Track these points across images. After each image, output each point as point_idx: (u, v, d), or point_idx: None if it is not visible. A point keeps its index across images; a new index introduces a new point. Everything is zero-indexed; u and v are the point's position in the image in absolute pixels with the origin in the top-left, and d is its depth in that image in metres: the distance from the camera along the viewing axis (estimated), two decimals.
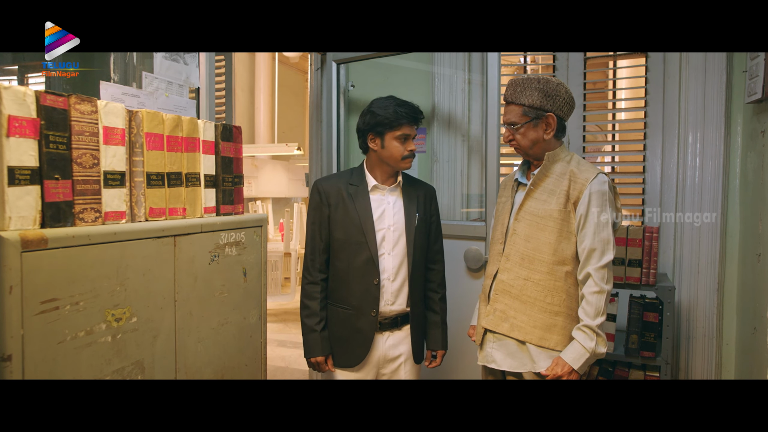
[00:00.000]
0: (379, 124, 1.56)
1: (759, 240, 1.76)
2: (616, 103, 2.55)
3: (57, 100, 1.00)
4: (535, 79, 1.43)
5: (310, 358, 1.64)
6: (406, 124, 1.57)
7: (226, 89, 2.82)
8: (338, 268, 1.62)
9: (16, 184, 0.93)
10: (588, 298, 1.36)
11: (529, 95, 1.42)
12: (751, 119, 1.92)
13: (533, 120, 1.43)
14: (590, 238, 1.37)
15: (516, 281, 1.45)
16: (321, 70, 2.57)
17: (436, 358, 1.73)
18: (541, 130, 1.44)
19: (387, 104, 1.57)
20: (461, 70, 2.45)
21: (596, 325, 1.34)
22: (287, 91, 8.01)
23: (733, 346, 2.03)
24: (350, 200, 1.60)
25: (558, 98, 1.42)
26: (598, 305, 1.35)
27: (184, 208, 1.32)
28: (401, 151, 1.58)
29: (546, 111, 1.42)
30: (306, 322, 1.63)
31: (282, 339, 4.19)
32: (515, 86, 1.45)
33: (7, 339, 0.88)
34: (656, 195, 2.15)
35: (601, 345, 1.36)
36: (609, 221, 1.37)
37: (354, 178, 1.64)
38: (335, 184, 1.64)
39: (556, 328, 1.41)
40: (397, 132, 1.56)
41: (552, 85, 1.42)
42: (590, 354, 1.35)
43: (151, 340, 1.17)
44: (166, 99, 1.60)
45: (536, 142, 1.45)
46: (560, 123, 1.46)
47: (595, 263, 1.36)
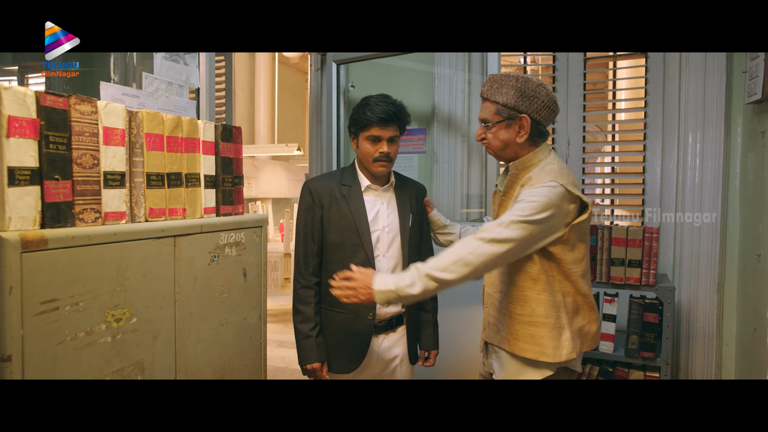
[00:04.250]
0: (353, 123, 1.55)
1: (759, 240, 1.76)
2: (616, 103, 2.55)
3: (57, 101, 1.00)
4: (514, 76, 1.34)
5: (305, 365, 1.58)
6: (375, 125, 1.51)
7: (226, 90, 2.82)
8: (332, 271, 1.54)
9: (16, 185, 0.93)
10: (456, 248, 1.24)
11: (504, 93, 1.33)
12: (751, 120, 1.92)
13: (506, 120, 1.34)
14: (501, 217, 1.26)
15: (495, 293, 1.44)
16: (321, 70, 2.57)
17: (430, 358, 1.72)
18: (514, 131, 1.35)
19: (365, 103, 1.54)
20: (461, 70, 2.45)
21: (431, 274, 1.22)
22: (287, 92, 8.01)
23: (733, 346, 2.03)
24: (344, 201, 1.56)
25: (536, 100, 1.32)
26: (456, 259, 1.22)
27: (184, 209, 1.32)
28: (371, 152, 1.53)
29: (520, 112, 1.32)
30: (300, 327, 1.58)
31: (282, 339, 4.18)
32: (492, 82, 1.37)
33: (7, 339, 0.88)
34: (656, 195, 2.15)
35: (412, 289, 1.23)
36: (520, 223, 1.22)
37: (346, 177, 1.61)
38: (327, 184, 1.59)
39: (536, 338, 1.34)
40: (367, 132, 1.53)
41: (531, 86, 1.32)
42: (395, 289, 1.25)
43: (151, 340, 1.17)
44: (166, 99, 1.60)
45: (508, 144, 1.36)
46: (536, 127, 1.35)
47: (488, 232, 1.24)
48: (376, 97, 1.56)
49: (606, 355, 1.90)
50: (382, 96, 1.57)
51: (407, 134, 2.52)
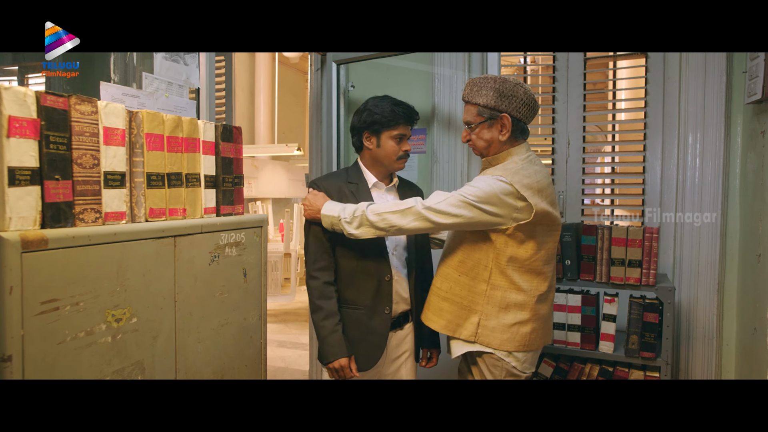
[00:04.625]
0: (376, 122, 1.56)
1: (759, 240, 1.76)
2: (616, 103, 2.55)
3: (57, 101, 1.00)
4: (492, 78, 1.41)
5: (334, 361, 1.51)
6: (402, 124, 1.56)
7: (226, 90, 2.82)
8: (346, 267, 1.58)
9: (17, 185, 0.93)
10: (400, 203, 1.41)
11: (484, 95, 1.40)
12: (751, 120, 1.92)
13: (488, 120, 1.41)
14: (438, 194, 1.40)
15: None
16: (321, 70, 2.57)
17: (432, 358, 1.74)
18: (496, 130, 1.42)
19: (384, 103, 1.57)
20: (461, 70, 2.45)
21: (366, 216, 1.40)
22: (287, 92, 8.02)
23: (733, 346, 2.03)
24: (352, 198, 1.57)
25: (515, 99, 1.39)
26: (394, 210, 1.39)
27: (184, 209, 1.32)
28: (396, 150, 1.57)
29: (500, 111, 1.39)
30: (324, 324, 1.52)
31: (282, 339, 4.19)
32: (472, 86, 1.44)
33: (8, 339, 0.88)
34: (656, 195, 2.15)
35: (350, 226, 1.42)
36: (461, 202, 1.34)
37: (351, 176, 1.63)
38: (335, 182, 1.61)
39: (443, 312, 1.48)
40: (394, 131, 1.56)
41: (509, 86, 1.39)
42: (336, 216, 1.45)
43: (151, 340, 1.17)
44: (166, 99, 1.60)
45: (491, 143, 1.44)
46: (517, 124, 1.42)
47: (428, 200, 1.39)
48: (387, 98, 1.59)
49: (606, 355, 1.90)
50: (387, 97, 1.60)
51: None
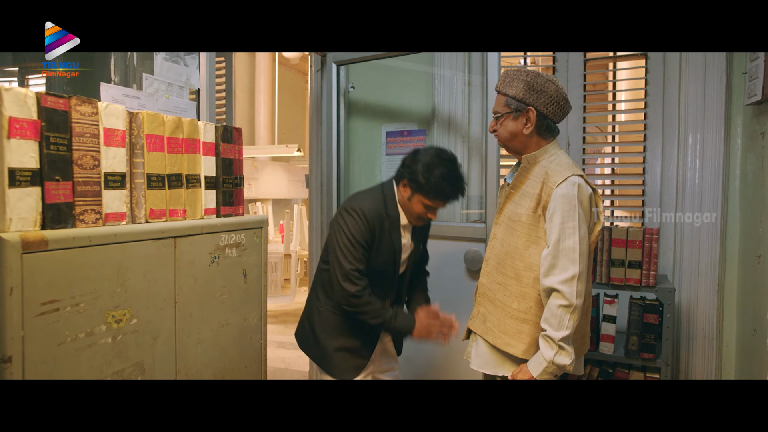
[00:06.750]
0: (419, 184, 1.49)
1: (759, 241, 1.76)
2: (616, 104, 2.55)
3: (58, 102, 1.00)
4: (525, 71, 1.40)
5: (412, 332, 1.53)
6: (441, 201, 1.52)
7: (227, 91, 2.83)
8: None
9: (17, 186, 0.93)
10: (554, 310, 1.28)
11: (514, 86, 1.39)
12: (750, 121, 1.92)
13: (513, 112, 1.40)
14: (552, 246, 1.30)
15: (492, 285, 1.45)
16: (321, 71, 2.57)
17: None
18: (521, 123, 1.40)
19: (437, 171, 1.48)
20: (461, 71, 2.45)
21: (558, 339, 1.27)
22: (287, 93, 8.02)
23: (734, 347, 2.03)
24: (388, 234, 1.56)
25: (544, 94, 1.37)
26: (562, 319, 1.27)
27: (184, 210, 1.32)
28: (422, 215, 1.55)
29: (527, 104, 1.38)
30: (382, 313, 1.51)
31: (282, 340, 4.18)
32: (505, 76, 1.43)
33: (8, 340, 0.88)
34: (656, 196, 2.15)
35: (563, 356, 1.28)
36: (576, 228, 1.29)
37: (389, 207, 1.57)
38: (377, 212, 1.54)
39: (522, 335, 1.37)
40: (429, 202, 1.51)
41: (540, 80, 1.38)
42: (548, 363, 1.28)
43: (151, 341, 1.17)
44: (166, 100, 1.60)
45: (515, 135, 1.41)
46: (543, 120, 1.39)
47: (559, 275, 1.28)
48: (445, 166, 1.50)
49: (606, 356, 1.90)
50: (448, 161, 1.52)
51: (407, 135, 2.52)
